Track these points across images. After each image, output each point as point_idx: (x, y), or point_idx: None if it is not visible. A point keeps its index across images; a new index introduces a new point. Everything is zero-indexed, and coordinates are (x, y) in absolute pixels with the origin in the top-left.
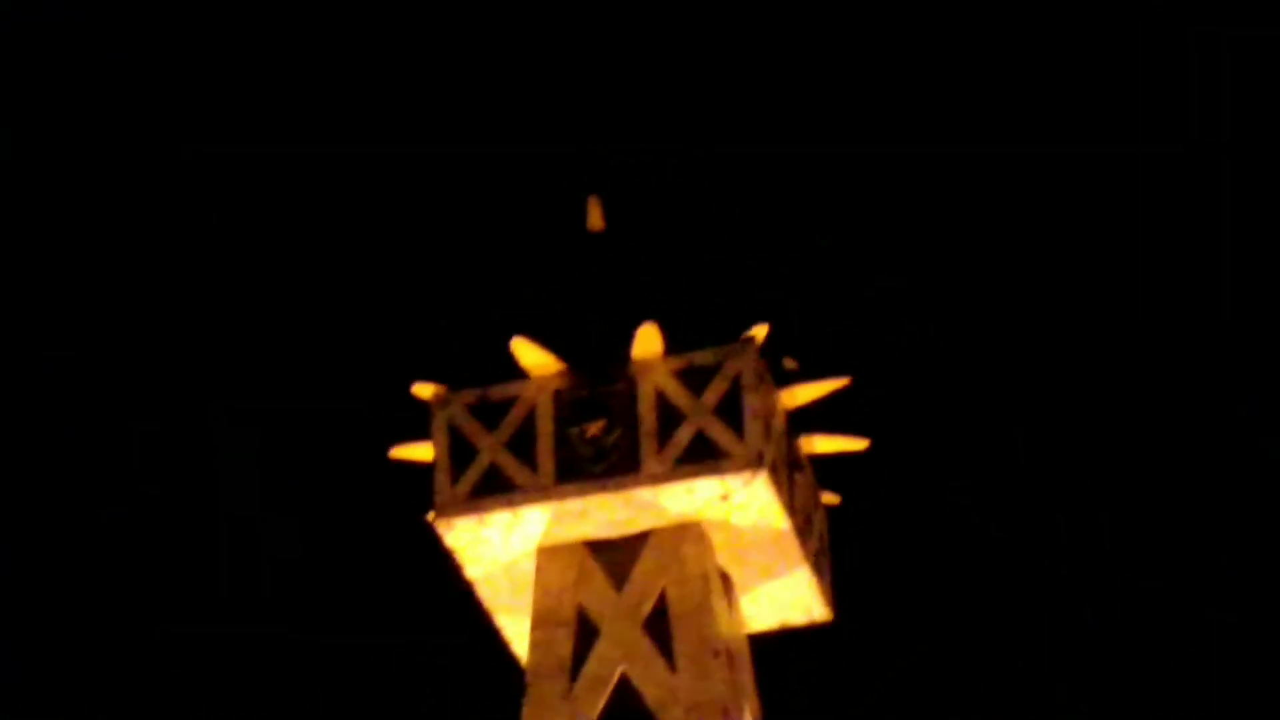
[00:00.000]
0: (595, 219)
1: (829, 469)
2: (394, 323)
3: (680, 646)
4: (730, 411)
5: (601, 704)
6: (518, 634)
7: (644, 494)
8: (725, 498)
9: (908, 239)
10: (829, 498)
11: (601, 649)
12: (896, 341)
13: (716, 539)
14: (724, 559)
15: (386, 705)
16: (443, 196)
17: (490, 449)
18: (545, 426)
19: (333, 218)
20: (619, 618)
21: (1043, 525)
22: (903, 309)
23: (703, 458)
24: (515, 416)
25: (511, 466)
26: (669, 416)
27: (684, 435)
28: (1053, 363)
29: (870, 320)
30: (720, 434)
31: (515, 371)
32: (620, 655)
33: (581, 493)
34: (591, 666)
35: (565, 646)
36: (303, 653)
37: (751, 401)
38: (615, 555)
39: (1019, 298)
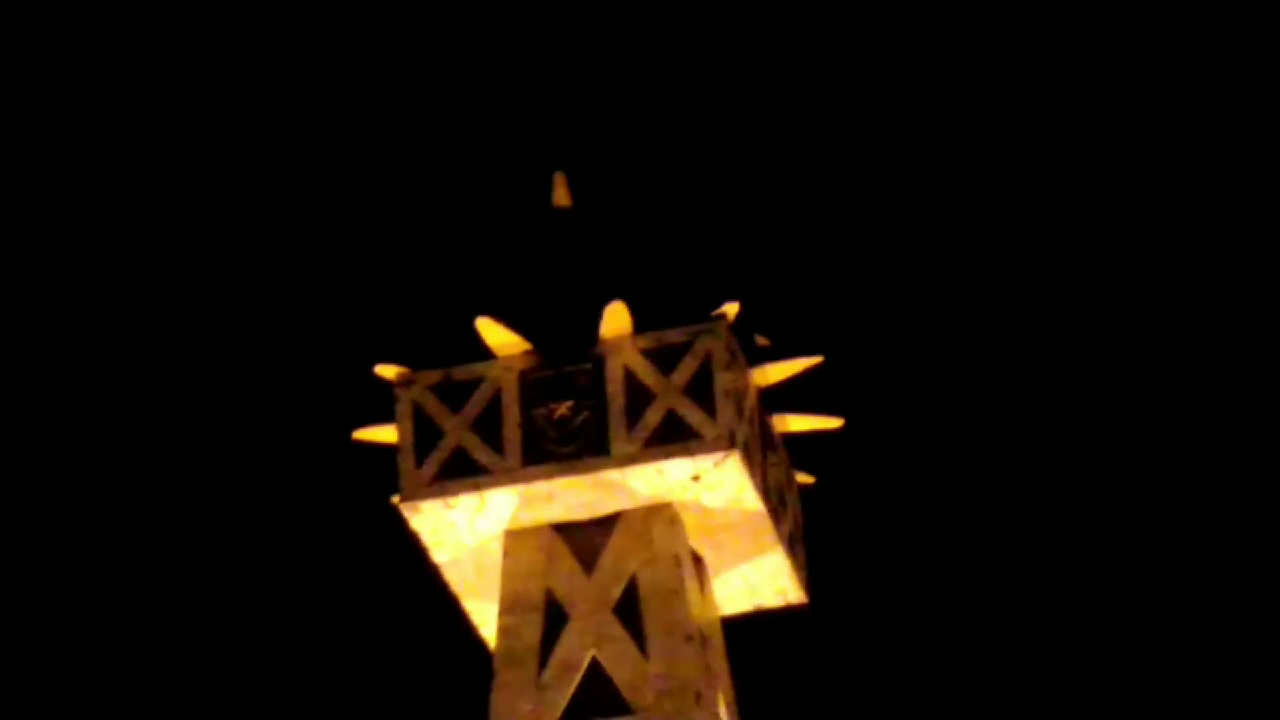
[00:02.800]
0: (561, 195)
1: (803, 449)
2: (356, 303)
3: (652, 631)
4: (701, 391)
5: (571, 690)
6: (485, 619)
7: (613, 475)
8: (697, 479)
9: (880, 213)
10: (803, 478)
11: (571, 634)
12: (870, 318)
13: (688, 521)
14: (696, 541)
15: (353, 691)
16: (404, 173)
17: (455, 431)
18: (511, 408)
19: (291, 195)
20: (589, 602)
21: (1021, 504)
22: (876, 285)
23: (673, 438)
24: (480, 398)
25: (477, 449)
26: (638, 396)
27: (654, 415)
28: (1030, 338)
29: (844, 297)
30: (691, 414)
31: (480, 352)
32: (590, 640)
33: (549, 475)
34: (561, 652)
35: (534, 632)
36: (267, 638)
37: (723, 380)
38: (584, 538)
39: (994, 272)
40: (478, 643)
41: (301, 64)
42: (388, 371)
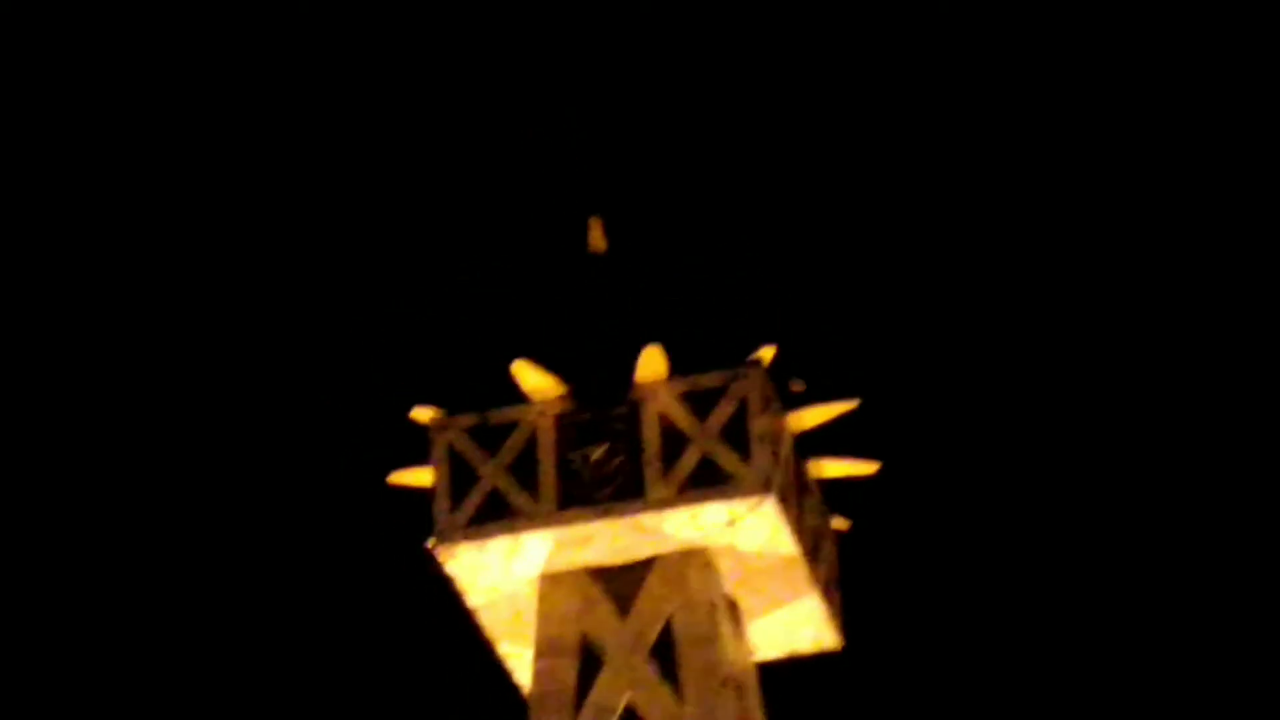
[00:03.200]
0: (597, 240)
1: (838, 493)
2: (392, 346)
3: (687, 675)
4: (736, 435)
5: None
6: (520, 663)
7: (648, 520)
8: (732, 523)
9: (916, 259)
10: (838, 523)
11: (606, 678)
12: (906, 363)
13: (723, 565)
14: (731, 586)
15: None
16: (442, 217)
17: (491, 474)
18: (547, 451)
19: (331, 238)
20: (624, 646)
21: (1057, 548)
22: (912, 330)
23: (708, 482)
24: (516, 441)
25: (513, 492)
26: (674, 441)
27: (689, 460)
28: (1066, 382)
29: (879, 341)
30: (726, 458)
31: (516, 395)
32: (625, 684)
33: (584, 519)
34: (596, 696)
35: (569, 676)
36: (302, 681)
37: (758, 425)
38: (620, 582)
39: (1031, 317)
40: (513, 686)
41: (339, 102)
42: (423, 415)
